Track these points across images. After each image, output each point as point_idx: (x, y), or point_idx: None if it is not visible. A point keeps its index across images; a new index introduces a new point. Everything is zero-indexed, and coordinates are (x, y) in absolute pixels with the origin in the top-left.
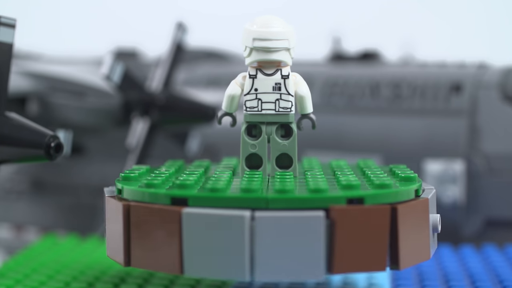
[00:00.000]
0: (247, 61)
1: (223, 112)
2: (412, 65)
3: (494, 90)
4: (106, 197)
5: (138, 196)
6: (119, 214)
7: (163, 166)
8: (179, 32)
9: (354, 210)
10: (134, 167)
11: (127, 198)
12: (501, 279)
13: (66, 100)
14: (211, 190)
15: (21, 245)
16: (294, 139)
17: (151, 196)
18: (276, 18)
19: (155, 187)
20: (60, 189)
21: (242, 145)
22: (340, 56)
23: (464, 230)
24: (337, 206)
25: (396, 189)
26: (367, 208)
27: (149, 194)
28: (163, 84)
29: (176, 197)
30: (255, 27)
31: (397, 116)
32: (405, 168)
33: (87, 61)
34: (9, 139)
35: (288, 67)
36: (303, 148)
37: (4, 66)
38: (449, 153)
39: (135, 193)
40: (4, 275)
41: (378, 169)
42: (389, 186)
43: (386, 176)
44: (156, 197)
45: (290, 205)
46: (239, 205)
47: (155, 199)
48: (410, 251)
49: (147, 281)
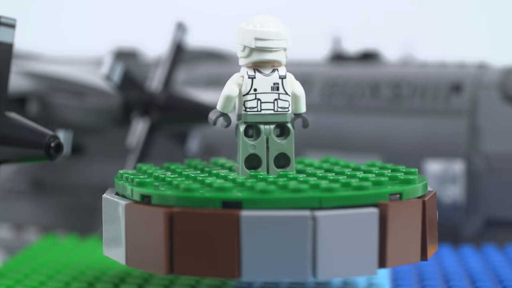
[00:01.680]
0: (245, 61)
1: (218, 113)
2: (412, 65)
3: (494, 90)
4: (128, 204)
5: (180, 201)
6: (158, 222)
7: (163, 167)
8: (179, 32)
9: (401, 204)
10: (127, 171)
11: (160, 203)
12: (501, 279)
13: (66, 100)
14: (263, 192)
15: (21, 245)
16: (291, 139)
17: (197, 201)
18: (272, 17)
19: (195, 191)
20: (60, 189)
21: (241, 146)
22: (340, 56)
23: (464, 230)
24: (385, 201)
25: (423, 183)
26: (409, 202)
27: (195, 199)
28: (163, 84)
29: (229, 201)
30: (254, 26)
31: (397, 116)
32: (404, 168)
33: (87, 61)
34: (9, 139)
35: (283, 67)
36: (303, 148)
37: (4, 66)
38: (449, 153)
39: (176, 199)
40: (4, 275)
41: (386, 168)
42: (414, 182)
43: (402, 174)
44: (204, 202)
45: (342, 203)
46: (293, 205)
47: (203, 204)
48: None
49: (147, 281)
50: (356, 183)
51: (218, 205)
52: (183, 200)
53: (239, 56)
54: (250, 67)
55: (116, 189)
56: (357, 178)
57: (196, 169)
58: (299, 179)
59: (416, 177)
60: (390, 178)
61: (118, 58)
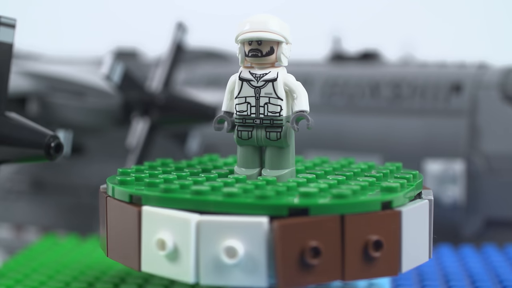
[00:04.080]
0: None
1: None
2: (412, 65)
3: (494, 90)
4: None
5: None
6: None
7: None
8: (179, 32)
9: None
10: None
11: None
12: (501, 279)
13: (66, 100)
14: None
15: (21, 245)
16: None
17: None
18: (269, 15)
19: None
20: (60, 189)
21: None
22: (340, 56)
23: (464, 230)
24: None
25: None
26: None
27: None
28: (163, 84)
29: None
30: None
31: (397, 116)
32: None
33: (87, 61)
34: (9, 139)
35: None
36: (303, 148)
37: (4, 66)
38: (449, 153)
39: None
40: (4, 275)
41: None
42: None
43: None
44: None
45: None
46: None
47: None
48: None
49: (147, 281)
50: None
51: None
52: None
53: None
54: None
55: None
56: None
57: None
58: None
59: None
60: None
61: (118, 58)
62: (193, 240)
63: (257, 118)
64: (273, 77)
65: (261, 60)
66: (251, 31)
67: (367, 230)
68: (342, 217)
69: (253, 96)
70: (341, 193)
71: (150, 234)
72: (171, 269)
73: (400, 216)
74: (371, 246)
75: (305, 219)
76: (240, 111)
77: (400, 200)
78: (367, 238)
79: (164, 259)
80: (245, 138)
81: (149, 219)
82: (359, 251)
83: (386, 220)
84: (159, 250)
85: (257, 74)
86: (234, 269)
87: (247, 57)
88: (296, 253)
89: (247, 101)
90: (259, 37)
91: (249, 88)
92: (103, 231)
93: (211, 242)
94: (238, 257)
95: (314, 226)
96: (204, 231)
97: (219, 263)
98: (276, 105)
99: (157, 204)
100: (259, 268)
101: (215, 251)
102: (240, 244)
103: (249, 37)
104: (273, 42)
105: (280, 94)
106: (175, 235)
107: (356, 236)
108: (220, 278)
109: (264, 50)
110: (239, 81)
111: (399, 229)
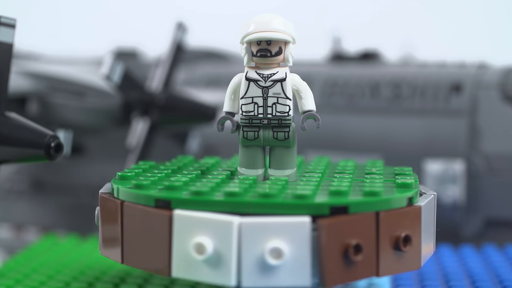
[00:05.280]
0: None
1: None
2: (412, 65)
3: (494, 90)
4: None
5: (129, 197)
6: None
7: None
8: (179, 32)
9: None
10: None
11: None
12: (501, 279)
13: (66, 100)
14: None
15: (21, 245)
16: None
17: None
18: (274, 14)
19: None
20: (60, 189)
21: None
22: (340, 56)
23: (464, 230)
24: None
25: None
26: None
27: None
28: (163, 84)
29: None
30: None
31: (397, 116)
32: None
33: (87, 61)
34: (9, 139)
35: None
36: (303, 148)
37: (4, 66)
38: (449, 153)
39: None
40: (4, 275)
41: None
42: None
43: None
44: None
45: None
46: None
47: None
48: None
49: (147, 281)
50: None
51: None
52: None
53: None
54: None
55: None
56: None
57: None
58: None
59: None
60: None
61: (118, 58)
62: (235, 243)
63: (265, 118)
64: (282, 77)
65: (270, 60)
66: (261, 31)
67: (397, 226)
68: (377, 214)
69: (260, 96)
70: (373, 191)
71: (184, 239)
72: (209, 273)
73: (421, 211)
74: (401, 241)
75: (347, 217)
76: (247, 112)
77: (416, 196)
78: (397, 234)
79: (201, 264)
80: (251, 138)
81: (182, 223)
82: (391, 246)
83: (411, 216)
84: (197, 254)
85: (264, 74)
86: (279, 270)
87: (255, 57)
88: (340, 250)
89: (254, 101)
90: (269, 37)
91: (256, 88)
92: (109, 235)
93: (254, 244)
94: (284, 258)
95: (355, 224)
96: (246, 233)
97: (263, 265)
98: (284, 105)
99: (187, 207)
100: (304, 267)
101: (258, 252)
102: (285, 245)
103: (258, 37)
104: (282, 42)
105: (288, 94)
106: (214, 239)
107: (389, 232)
108: (264, 280)
109: (273, 50)
110: (245, 81)
111: (420, 223)
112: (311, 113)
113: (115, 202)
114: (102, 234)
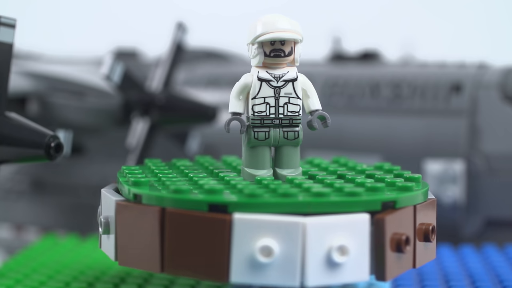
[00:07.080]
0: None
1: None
2: (412, 65)
3: (494, 90)
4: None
5: (170, 203)
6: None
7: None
8: (179, 32)
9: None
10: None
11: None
12: (501, 279)
13: (66, 100)
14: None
15: (21, 245)
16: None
17: (185, 203)
18: (281, 15)
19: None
20: (60, 189)
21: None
22: (340, 56)
23: (464, 230)
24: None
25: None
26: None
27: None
28: (163, 84)
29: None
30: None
31: (397, 116)
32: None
33: (87, 61)
34: (9, 139)
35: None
36: (303, 148)
37: (4, 66)
38: (449, 153)
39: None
40: (4, 275)
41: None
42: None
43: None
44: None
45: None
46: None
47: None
48: None
49: (147, 281)
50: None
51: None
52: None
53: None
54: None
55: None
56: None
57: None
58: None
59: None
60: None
61: (118, 58)
62: (300, 243)
63: (276, 118)
64: (293, 77)
65: (282, 60)
66: (275, 31)
67: (426, 218)
68: (415, 207)
69: (272, 96)
70: (406, 185)
71: (245, 242)
72: (273, 275)
73: (435, 203)
74: (430, 232)
75: (398, 212)
76: (259, 112)
77: None
78: (427, 226)
79: (265, 266)
80: (262, 138)
81: (244, 227)
82: (423, 238)
83: (431, 208)
84: (263, 257)
85: (275, 74)
86: (344, 267)
87: (268, 57)
88: (395, 244)
89: (266, 102)
90: (285, 37)
91: (268, 88)
92: (138, 244)
93: (319, 243)
94: (348, 255)
95: (403, 218)
96: (311, 233)
97: (329, 263)
98: (296, 105)
99: (244, 210)
100: (363, 262)
101: (323, 251)
102: (348, 242)
103: (273, 37)
104: (292, 42)
105: (299, 94)
106: (280, 240)
107: (422, 225)
108: (329, 278)
109: (286, 50)
110: (257, 82)
111: (435, 215)
112: (321, 112)
113: (146, 209)
114: (123, 242)
